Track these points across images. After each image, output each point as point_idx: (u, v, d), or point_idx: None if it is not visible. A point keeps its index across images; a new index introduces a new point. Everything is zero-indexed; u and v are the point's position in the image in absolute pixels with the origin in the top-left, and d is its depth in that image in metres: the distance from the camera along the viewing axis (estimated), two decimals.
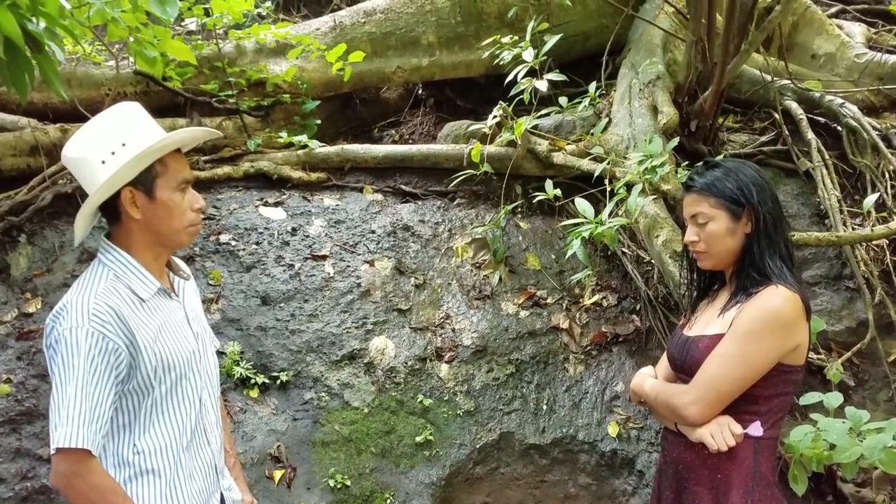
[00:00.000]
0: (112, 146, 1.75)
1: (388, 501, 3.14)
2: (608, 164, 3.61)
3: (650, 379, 2.23)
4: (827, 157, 3.97)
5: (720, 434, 1.95)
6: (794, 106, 4.21)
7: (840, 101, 4.20)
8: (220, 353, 3.28)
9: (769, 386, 1.96)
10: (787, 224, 2.12)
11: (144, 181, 1.79)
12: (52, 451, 1.65)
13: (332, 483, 3.11)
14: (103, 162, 1.75)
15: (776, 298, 1.93)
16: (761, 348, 1.91)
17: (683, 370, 2.12)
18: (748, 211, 2.02)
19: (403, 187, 4.14)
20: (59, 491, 1.76)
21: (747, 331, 1.92)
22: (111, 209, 1.81)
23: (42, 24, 2.28)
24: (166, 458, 1.80)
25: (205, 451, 1.92)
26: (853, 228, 3.71)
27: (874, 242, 3.69)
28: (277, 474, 3.08)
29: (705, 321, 2.13)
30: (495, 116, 3.99)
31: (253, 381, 3.27)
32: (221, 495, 1.99)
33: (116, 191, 1.78)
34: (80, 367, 1.65)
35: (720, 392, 1.94)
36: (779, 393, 1.99)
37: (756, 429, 1.98)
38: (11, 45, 2.03)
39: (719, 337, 1.99)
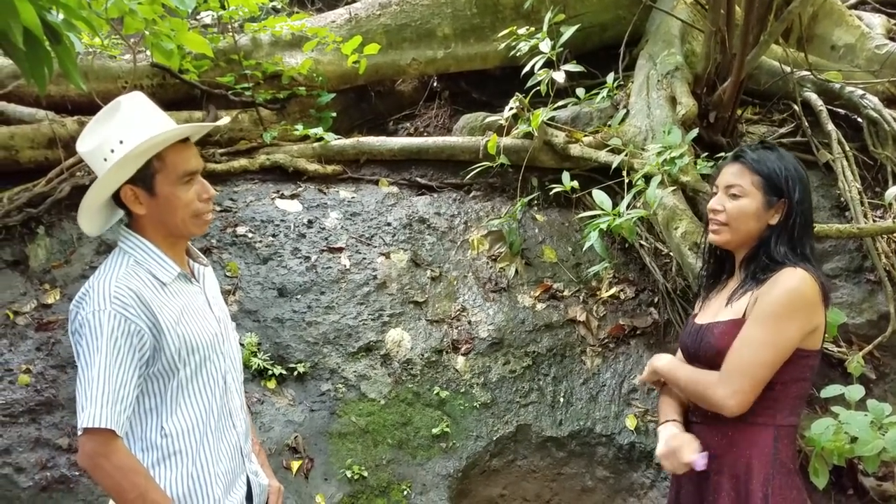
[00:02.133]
0: (112, 143, 1.76)
1: (405, 493, 3.14)
2: (626, 155, 3.58)
3: (684, 366, 2.14)
4: (847, 148, 3.93)
5: (671, 461, 2.03)
6: (813, 97, 4.16)
7: (860, 92, 4.15)
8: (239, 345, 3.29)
9: (787, 372, 1.94)
10: (812, 227, 2.08)
11: (143, 178, 1.78)
12: (79, 433, 1.67)
13: (349, 474, 3.11)
14: (105, 159, 1.76)
15: (794, 279, 1.91)
16: (788, 330, 1.90)
17: (697, 358, 2.10)
18: (782, 203, 2.00)
19: (419, 180, 4.13)
20: (85, 472, 1.77)
21: (771, 314, 1.90)
22: (122, 203, 1.83)
23: (61, 16, 2.28)
24: (192, 440, 1.82)
25: (230, 434, 1.93)
26: (874, 220, 3.67)
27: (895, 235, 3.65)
28: (295, 465, 3.09)
29: (716, 309, 2.11)
30: (511, 108, 3.97)
31: (270, 372, 3.27)
32: (248, 479, 1.99)
33: (118, 188, 1.79)
34: (104, 348, 1.67)
35: (755, 380, 1.91)
36: (796, 379, 1.97)
37: (701, 459, 2.01)
38: (31, 36, 2.02)
39: (733, 322, 1.97)
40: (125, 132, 1.77)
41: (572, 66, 3.66)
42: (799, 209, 1.99)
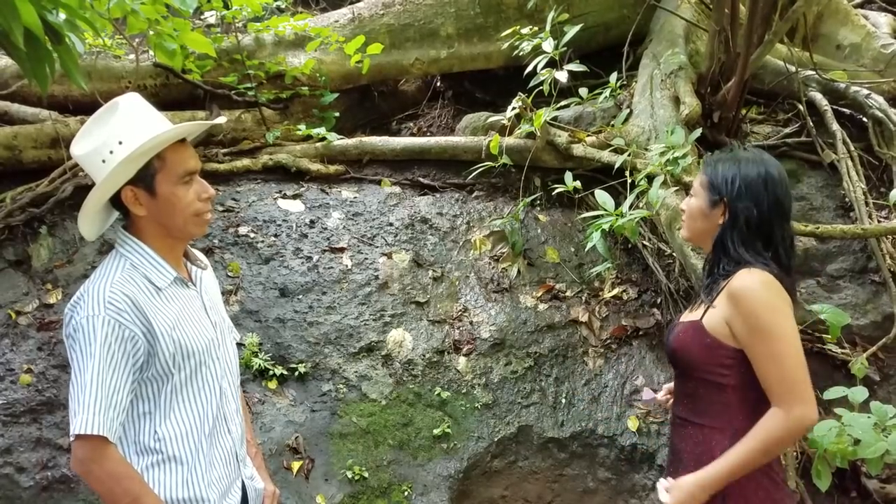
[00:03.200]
0: (111, 144, 1.75)
1: (406, 494, 3.13)
2: (629, 155, 3.57)
3: (741, 446, 1.89)
4: (852, 148, 3.91)
5: None
6: (818, 97, 4.14)
7: (866, 91, 4.13)
8: (239, 345, 3.29)
9: (737, 375, 1.92)
10: (781, 230, 2.00)
11: (144, 178, 1.77)
12: (71, 438, 1.66)
13: (349, 475, 3.11)
14: (104, 161, 1.75)
15: (748, 279, 1.89)
16: (786, 321, 1.86)
17: (666, 355, 2.17)
18: (723, 204, 2.00)
19: (421, 180, 4.12)
20: (80, 477, 1.77)
21: (765, 323, 1.85)
22: (120, 205, 1.82)
23: (62, 16, 2.28)
24: (187, 445, 1.81)
25: (225, 439, 1.92)
26: (879, 221, 3.65)
27: None
28: (296, 465, 3.09)
29: (689, 311, 2.15)
30: (514, 108, 3.96)
31: (271, 372, 3.27)
32: (243, 483, 1.99)
33: (118, 189, 1.78)
34: (97, 354, 1.66)
35: (806, 380, 1.86)
36: (752, 383, 1.91)
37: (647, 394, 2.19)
38: (32, 36, 2.02)
39: (690, 324, 2.00)
40: (125, 133, 1.76)
41: (575, 66, 3.65)
42: (739, 207, 1.97)
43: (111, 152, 1.74)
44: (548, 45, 3.72)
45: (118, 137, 1.75)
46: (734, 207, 1.98)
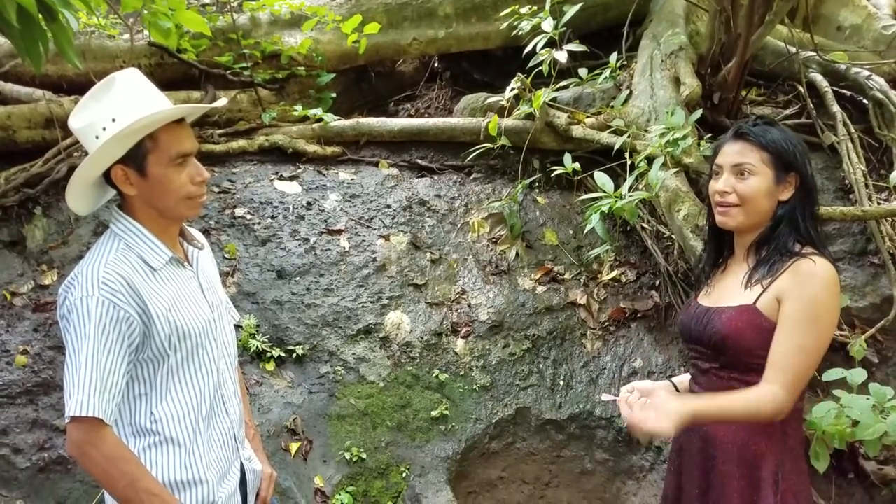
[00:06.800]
0: (104, 121, 1.71)
1: (404, 475, 3.13)
2: (628, 136, 3.55)
3: (715, 398, 1.88)
4: (852, 130, 3.88)
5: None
6: (819, 78, 4.11)
7: (866, 73, 4.09)
8: (237, 327, 3.27)
9: None
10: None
11: (135, 158, 1.73)
12: (67, 420, 1.64)
13: (347, 456, 3.11)
14: (97, 137, 1.71)
15: (823, 271, 1.84)
16: (832, 326, 1.84)
17: (699, 342, 2.02)
18: (792, 178, 1.93)
19: (419, 161, 4.10)
20: (75, 459, 1.75)
21: (816, 316, 1.82)
22: (113, 183, 1.79)
23: None
24: (184, 427, 1.79)
25: (223, 421, 1.90)
26: (879, 203, 3.63)
27: None
28: (294, 447, 3.08)
29: (722, 292, 2.03)
30: (513, 89, 3.93)
31: (269, 354, 3.26)
32: (242, 465, 1.97)
33: (109, 167, 1.74)
34: (92, 336, 1.63)
35: (806, 382, 1.85)
36: None
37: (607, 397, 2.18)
38: (25, 13, 1.98)
39: (743, 308, 1.90)
40: (118, 110, 1.71)
41: (575, 46, 3.62)
42: (812, 183, 1.93)
43: (104, 129, 1.70)
44: (547, 25, 3.68)
45: (112, 114, 1.71)
46: (806, 179, 1.92)
